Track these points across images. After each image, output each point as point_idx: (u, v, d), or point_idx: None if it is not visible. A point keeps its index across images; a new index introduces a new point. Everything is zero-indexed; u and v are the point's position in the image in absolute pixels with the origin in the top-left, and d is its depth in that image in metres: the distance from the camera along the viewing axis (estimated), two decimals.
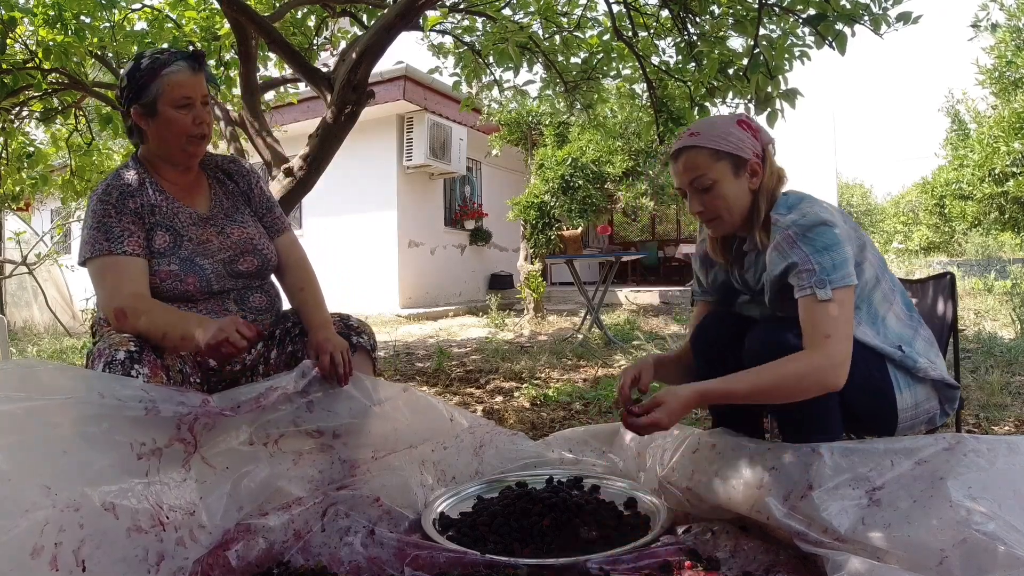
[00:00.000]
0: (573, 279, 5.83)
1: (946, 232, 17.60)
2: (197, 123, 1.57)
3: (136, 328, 1.43)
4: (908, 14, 2.30)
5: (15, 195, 4.87)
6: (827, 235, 1.35)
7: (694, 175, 1.48)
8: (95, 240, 1.51)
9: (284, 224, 1.83)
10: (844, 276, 1.32)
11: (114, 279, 1.49)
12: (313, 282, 1.79)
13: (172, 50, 1.60)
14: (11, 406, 1.12)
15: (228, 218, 1.70)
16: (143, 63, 1.55)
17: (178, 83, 1.54)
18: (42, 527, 1.05)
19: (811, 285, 1.32)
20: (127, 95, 1.56)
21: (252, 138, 3.61)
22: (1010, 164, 11.29)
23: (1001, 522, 1.07)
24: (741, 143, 1.47)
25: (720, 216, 1.49)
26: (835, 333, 1.30)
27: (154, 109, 1.54)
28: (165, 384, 1.40)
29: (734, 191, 1.47)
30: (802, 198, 1.46)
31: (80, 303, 8.76)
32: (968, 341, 4.54)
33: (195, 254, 1.60)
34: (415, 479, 1.73)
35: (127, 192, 1.57)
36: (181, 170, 1.66)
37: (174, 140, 1.57)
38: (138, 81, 1.54)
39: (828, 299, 1.31)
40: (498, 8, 3.67)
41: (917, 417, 1.43)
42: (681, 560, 1.30)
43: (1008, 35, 11.62)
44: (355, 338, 1.71)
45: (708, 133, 1.48)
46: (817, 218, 1.36)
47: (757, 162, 1.47)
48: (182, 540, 1.24)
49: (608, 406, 2.95)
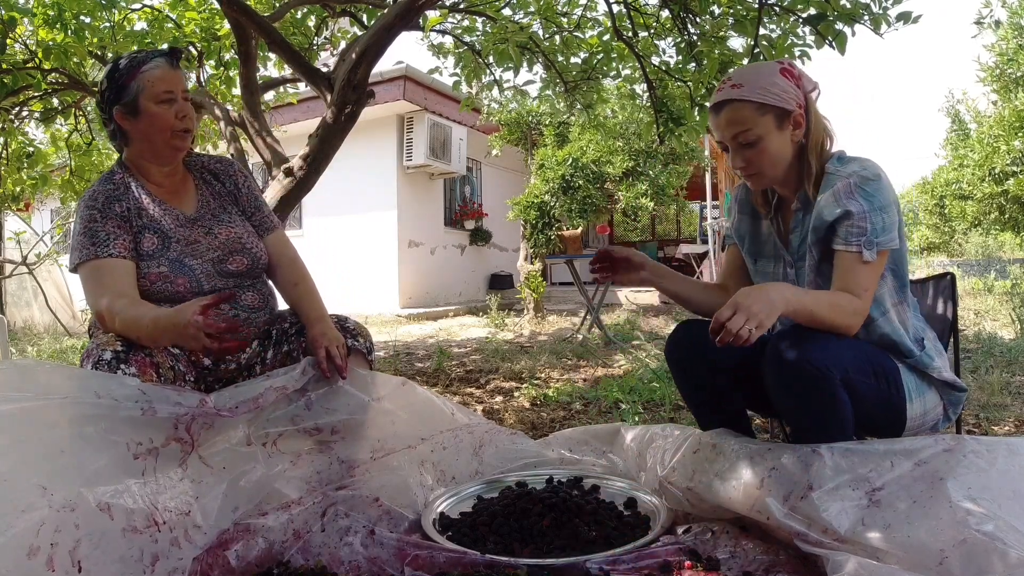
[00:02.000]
0: (573, 279, 5.83)
1: (946, 232, 17.60)
2: (180, 116, 1.57)
3: (115, 329, 1.43)
4: (908, 14, 2.30)
5: (15, 195, 4.87)
6: (885, 193, 1.35)
7: (738, 129, 1.42)
8: (83, 246, 1.52)
9: (273, 222, 1.82)
10: (890, 240, 1.34)
11: (98, 282, 1.50)
12: (307, 278, 1.78)
13: (148, 51, 1.61)
14: (8, 406, 1.12)
15: (215, 218, 1.69)
16: (121, 64, 1.56)
17: (158, 78, 1.54)
18: (38, 527, 1.05)
19: (859, 244, 1.33)
20: (108, 97, 1.56)
21: (252, 138, 3.61)
22: (1010, 163, 11.29)
23: (1001, 522, 1.07)
24: (785, 94, 1.41)
25: (763, 171, 1.46)
26: (871, 288, 1.35)
27: (136, 107, 1.54)
28: (156, 382, 1.40)
29: (778, 145, 1.43)
30: (858, 159, 1.43)
31: (80, 303, 8.75)
32: (968, 341, 4.54)
33: (183, 255, 1.60)
34: (415, 479, 1.73)
35: (113, 196, 1.57)
36: (167, 171, 1.66)
37: (159, 136, 1.57)
38: (118, 81, 1.54)
39: (872, 260, 1.33)
40: (498, 8, 3.66)
41: (924, 425, 1.43)
42: (681, 560, 1.30)
43: (1010, 32, 11.63)
44: (351, 341, 1.70)
45: (752, 84, 1.41)
46: (877, 171, 1.36)
47: (801, 114, 1.43)
48: (176, 541, 1.24)
49: (608, 406, 2.95)
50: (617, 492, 1.70)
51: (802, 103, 1.44)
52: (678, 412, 2.78)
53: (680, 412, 2.77)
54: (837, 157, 1.44)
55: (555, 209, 7.88)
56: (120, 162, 1.65)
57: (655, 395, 3.03)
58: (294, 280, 1.76)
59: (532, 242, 7.87)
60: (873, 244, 1.32)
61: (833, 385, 1.29)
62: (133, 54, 1.59)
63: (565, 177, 7.86)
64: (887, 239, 1.34)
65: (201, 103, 3.99)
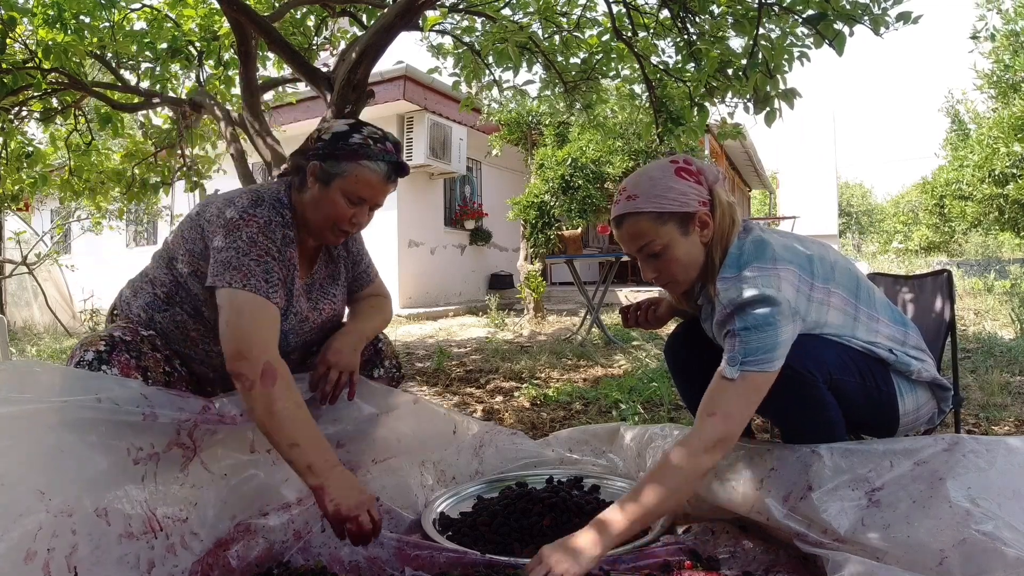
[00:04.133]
0: (573, 279, 5.83)
1: (946, 232, 17.60)
2: (353, 222, 1.49)
3: (273, 398, 1.27)
4: (908, 14, 2.30)
5: (15, 195, 4.87)
6: (763, 315, 1.25)
7: (641, 243, 1.37)
8: (253, 274, 1.35)
9: (370, 276, 1.75)
10: (761, 360, 1.24)
11: (265, 331, 1.34)
12: (379, 300, 1.73)
13: (386, 141, 1.49)
14: (8, 408, 1.11)
15: (323, 290, 1.61)
16: (355, 138, 1.46)
17: (367, 182, 1.46)
18: (35, 532, 1.04)
19: (726, 357, 1.26)
20: (320, 149, 1.46)
21: (252, 138, 3.61)
22: (1010, 166, 11.30)
23: (1000, 522, 1.07)
24: (684, 197, 1.35)
25: (676, 279, 1.41)
26: (721, 411, 1.24)
27: (329, 182, 1.45)
28: (147, 384, 1.37)
29: (686, 250, 1.37)
30: (755, 250, 1.33)
31: (80, 303, 8.76)
32: (968, 341, 4.54)
33: (291, 331, 1.53)
34: (415, 479, 1.73)
35: (288, 241, 1.46)
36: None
37: (323, 219, 1.48)
38: (339, 148, 1.45)
39: (732, 378, 1.24)
40: (498, 8, 3.66)
41: (918, 420, 1.44)
42: (681, 560, 1.30)
43: (1005, 39, 11.64)
44: (376, 371, 1.71)
45: (647, 193, 1.36)
46: (757, 295, 1.26)
47: (706, 212, 1.36)
48: (173, 547, 1.23)
49: (608, 406, 2.96)
50: (617, 492, 1.70)
51: (706, 200, 1.37)
52: (678, 412, 2.78)
53: (680, 412, 2.77)
54: (734, 255, 1.35)
55: (555, 209, 7.89)
56: (289, 197, 1.51)
57: (655, 395, 3.04)
58: (367, 295, 1.73)
59: (532, 242, 7.87)
60: (737, 361, 1.24)
61: (817, 388, 1.30)
62: (372, 133, 1.48)
63: (565, 177, 7.87)
64: (756, 359, 1.23)
65: (201, 103, 3.99)
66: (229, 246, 1.37)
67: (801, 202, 17.51)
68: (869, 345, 1.38)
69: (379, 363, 1.73)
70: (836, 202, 19.78)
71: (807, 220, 15.13)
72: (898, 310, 1.50)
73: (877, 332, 1.40)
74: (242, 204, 1.42)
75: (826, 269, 1.38)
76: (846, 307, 1.38)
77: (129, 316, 1.54)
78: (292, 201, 1.51)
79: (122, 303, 1.58)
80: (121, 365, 1.38)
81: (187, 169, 4.92)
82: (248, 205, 1.42)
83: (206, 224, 1.43)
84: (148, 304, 1.52)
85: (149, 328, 1.51)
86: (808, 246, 1.41)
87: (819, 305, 1.35)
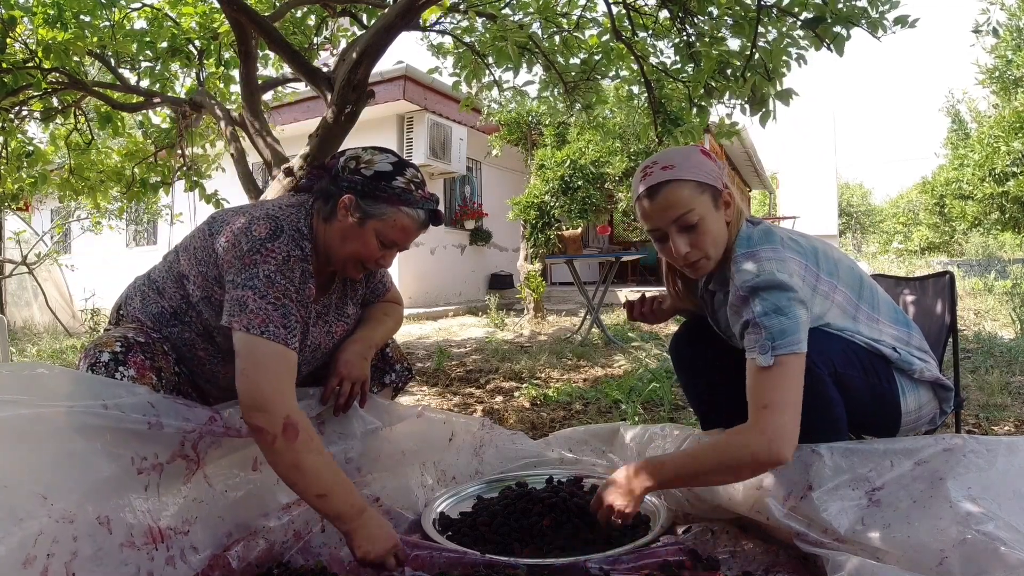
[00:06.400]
0: (573, 279, 5.83)
1: (946, 232, 17.62)
2: (377, 262, 1.47)
3: (298, 453, 1.25)
4: (905, 18, 2.29)
5: (14, 195, 4.86)
6: (780, 297, 1.25)
7: (680, 211, 1.34)
8: (271, 319, 1.30)
9: (387, 285, 1.75)
10: (791, 342, 1.22)
11: (284, 381, 1.29)
12: (390, 306, 1.73)
13: (426, 191, 1.47)
14: (13, 411, 1.10)
15: (337, 310, 1.59)
16: (398, 181, 1.42)
17: (402, 228, 1.43)
18: (36, 537, 1.03)
19: (756, 347, 1.24)
20: (360, 185, 1.41)
21: (252, 138, 3.60)
22: (1010, 164, 11.30)
23: (1001, 522, 1.07)
24: (714, 173, 1.37)
25: (707, 255, 1.37)
26: (773, 402, 1.20)
27: (364, 221, 1.41)
28: (157, 385, 1.37)
29: (719, 225, 1.36)
30: (764, 235, 1.36)
31: (80, 303, 8.76)
32: (968, 341, 4.54)
33: (305, 361, 1.51)
34: (415, 480, 1.73)
35: (306, 275, 1.40)
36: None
37: (348, 254, 1.44)
38: (380, 188, 1.41)
39: (768, 366, 1.22)
40: (498, 8, 3.66)
41: (920, 420, 1.43)
42: (681, 560, 1.30)
43: (1008, 34, 11.64)
44: (387, 377, 1.72)
45: (684, 164, 1.35)
46: (772, 279, 1.26)
47: (730, 192, 1.39)
48: (172, 560, 1.22)
49: (608, 406, 2.96)
50: None
51: (726, 182, 1.39)
52: (678, 412, 2.78)
53: (680, 412, 2.77)
54: (743, 238, 1.37)
55: (555, 209, 7.89)
56: (309, 224, 1.44)
57: (655, 395, 3.04)
58: (378, 302, 1.73)
59: (532, 242, 7.87)
60: (768, 348, 1.22)
61: (822, 382, 1.29)
62: (415, 177, 1.45)
63: (565, 177, 7.87)
64: (786, 341, 1.22)
65: (201, 102, 3.99)
66: (245, 284, 1.31)
67: (801, 202, 17.54)
68: (873, 341, 1.38)
69: (389, 369, 1.75)
70: (836, 202, 19.80)
71: (807, 220, 15.14)
72: (901, 311, 1.50)
73: (880, 330, 1.41)
74: (260, 235, 1.34)
75: (830, 265, 1.39)
76: (848, 304, 1.39)
77: (139, 319, 1.51)
78: (313, 227, 1.45)
79: (129, 308, 1.54)
80: (137, 366, 1.36)
81: (187, 168, 4.92)
82: (266, 237, 1.34)
83: (221, 251, 1.37)
84: (156, 315, 1.48)
85: (157, 333, 1.49)
86: (812, 241, 1.42)
87: (823, 298, 1.36)
